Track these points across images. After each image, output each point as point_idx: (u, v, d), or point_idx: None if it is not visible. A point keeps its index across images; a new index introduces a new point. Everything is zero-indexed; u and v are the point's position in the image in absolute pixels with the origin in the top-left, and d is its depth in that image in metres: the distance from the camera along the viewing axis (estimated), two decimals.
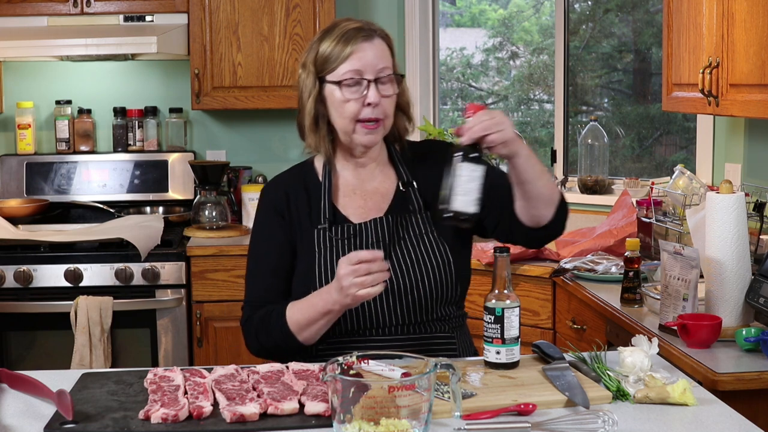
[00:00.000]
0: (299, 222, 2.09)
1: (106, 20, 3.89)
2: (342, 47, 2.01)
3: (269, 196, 2.15)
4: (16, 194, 4.11)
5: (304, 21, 3.93)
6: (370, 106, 2.01)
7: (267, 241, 2.11)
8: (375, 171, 2.13)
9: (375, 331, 2.02)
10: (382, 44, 2.04)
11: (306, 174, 2.15)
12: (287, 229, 2.09)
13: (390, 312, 2.01)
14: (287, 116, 4.30)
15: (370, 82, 2.01)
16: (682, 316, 2.25)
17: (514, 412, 1.65)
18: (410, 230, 2.07)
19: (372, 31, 2.04)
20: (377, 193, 2.12)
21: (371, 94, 2.00)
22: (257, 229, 2.15)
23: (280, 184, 2.16)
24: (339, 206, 2.09)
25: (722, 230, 2.28)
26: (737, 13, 2.64)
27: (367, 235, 2.05)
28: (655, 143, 4.57)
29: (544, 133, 4.87)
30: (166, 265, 3.55)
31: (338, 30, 2.03)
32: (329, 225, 2.05)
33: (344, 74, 2.00)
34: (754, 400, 2.04)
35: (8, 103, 4.20)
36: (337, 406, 1.45)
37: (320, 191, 2.10)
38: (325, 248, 2.04)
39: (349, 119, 2.02)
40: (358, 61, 2.00)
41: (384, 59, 2.03)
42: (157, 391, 1.74)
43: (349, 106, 2.01)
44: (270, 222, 2.11)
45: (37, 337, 3.56)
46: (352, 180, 2.12)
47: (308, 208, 2.09)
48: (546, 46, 4.89)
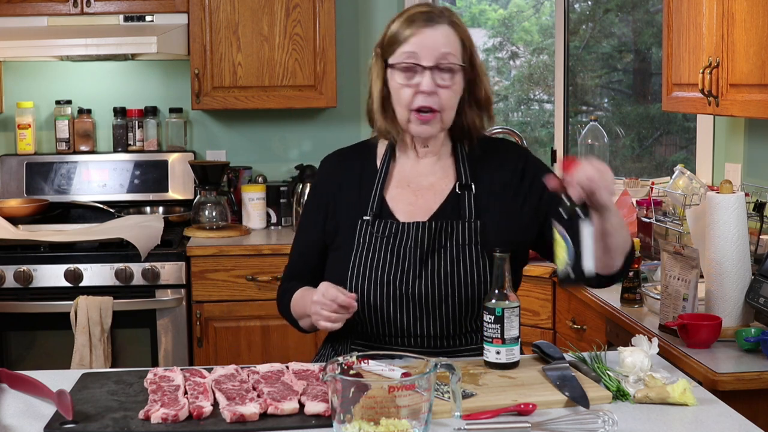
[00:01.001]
0: (346, 208, 2.06)
1: (106, 20, 3.89)
2: (403, 29, 1.95)
3: (320, 177, 2.16)
4: (16, 194, 4.11)
5: (304, 21, 3.93)
6: (423, 95, 1.94)
7: (308, 223, 2.13)
8: (435, 166, 2.07)
9: (402, 340, 1.99)
10: (447, 30, 1.95)
11: (367, 156, 2.11)
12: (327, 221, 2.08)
13: (418, 323, 1.98)
14: (287, 116, 4.30)
15: (425, 68, 1.93)
16: (682, 316, 2.25)
17: (514, 412, 1.65)
18: (453, 239, 1.98)
19: (437, 15, 1.96)
20: (431, 191, 2.05)
21: (425, 81, 1.93)
22: (304, 207, 2.18)
23: (334, 170, 2.13)
24: (388, 198, 2.04)
25: (722, 230, 2.28)
26: (737, 13, 2.64)
27: (407, 237, 1.99)
28: (655, 143, 4.57)
29: (544, 133, 4.87)
30: (166, 265, 3.55)
31: (406, 13, 1.98)
32: (373, 219, 2.02)
33: (399, 56, 1.95)
34: (754, 400, 2.04)
35: (8, 103, 4.20)
36: (337, 406, 1.45)
37: (374, 179, 2.05)
38: (364, 243, 2.00)
39: (404, 107, 1.97)
40: (415, 45, 1.93)
41: (447, 45, 1.94)
42: (157, 391, 1.74)
43: (404, 93, 1.95)
44: (315, 208, 2.12)
45: (37, 337, 3.56)
46: (408, 171, 2.07)
47: (358, 196, 2.05)
48: (546, 46, 4.89)
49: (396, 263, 1.98)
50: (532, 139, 4.90)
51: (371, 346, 1.99)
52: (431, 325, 1.98)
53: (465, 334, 2.01)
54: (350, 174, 2.09)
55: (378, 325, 2.00)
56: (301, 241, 2.16)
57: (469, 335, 2.02)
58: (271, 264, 3.63)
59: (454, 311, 1.97)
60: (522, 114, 5.18)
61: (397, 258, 1.98)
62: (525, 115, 5.17)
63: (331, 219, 2.08)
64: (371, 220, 2.01)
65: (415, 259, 1.97)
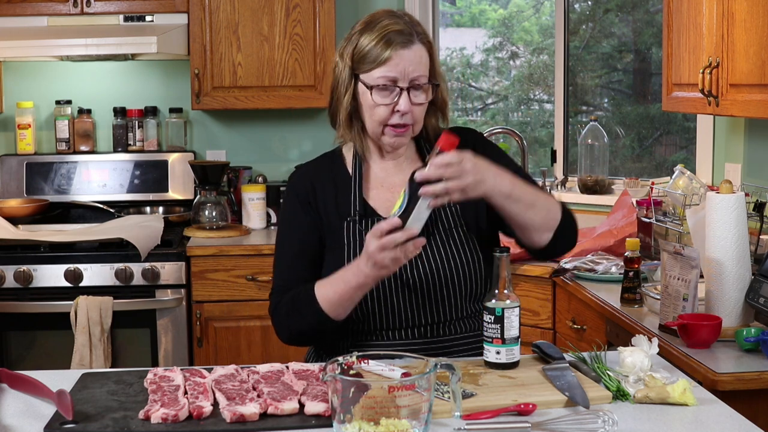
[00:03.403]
0: (326, 214, 2.06)
1: (106, 20, 3.89)
2: (380, 50, 1.95)
3: (294, 187, 2.13)
4: (16, 194, 4.11)
5: (304, 21, 3.93)
6: (399, 113, 1.98)
7: (291, 228, 2.10)
8: (403, 164, 2.11)
9: (402, 332, 2.01)
10: (421, 50, 1.98)
11: (334, 165, 2.12)
12: (313, 216, 2.07)
13: (421, 311, 2.00)
14: (287, 116, 4.31)
15: (403, 89, 1.96)
16: (682, 316, 2.25)
17: (514, 412, 1.65)
18: (439, 225, 2.03)
19: (413, 35, 1.97)
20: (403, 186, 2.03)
21: (402, 102, 1.97)
22: (282, 217, 2.14)
23: (305, 174, 2.14)
24: (368, 199, 2.08)
25: (722, 230, 2.28)
26: (737, 13, 2.64)
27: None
28: (655, 143, 4.57)
29: (544, 133, 4.87)
30: (166, 265, 3.55)
31: (380, 28, 1.97)
32: (359, 218, 2.03)
33: (377, 79, 1.96)
34: (754, 400, 2.04)
35: (8, 103, 4.20)
36: (337, 406, 1.45)
37: (350, 183, 2.07)
38: (354, 241, 2.02)
39: (378, 123, 2.00)
40: (394, 68, 1.95)
41: (421, 66, 1.97)
42: (157, 391, 1.74)
43: (379, 111, 1.98)
44: (294, 210, 2.09)
45: (37, 337, 3.56)
46: (380, 173, 2.10)
47: (335, 201, 2.07)
48: (546, 46, 4.89)
49: None
50: (532, 139, 4.90)
51: (375, 341, 2.00)
52: (434, 311, 2.00)
53: (464, 319, 2.04)
54: (324, 181, 2.10)
55: (382, 317, 2.00)
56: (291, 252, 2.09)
57: (467, 321, 2.05)
58: (270, 264, 3.60)
59: (454, 293, 2.01)
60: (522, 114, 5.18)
61: None
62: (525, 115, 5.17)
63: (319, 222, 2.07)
64: (357, 219, 2.04)
65: None
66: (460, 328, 2.04)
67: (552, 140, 4.30)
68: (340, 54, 2.04)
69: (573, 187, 4.12)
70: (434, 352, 2.00)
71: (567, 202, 4.13)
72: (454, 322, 2.04)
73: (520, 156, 4.14)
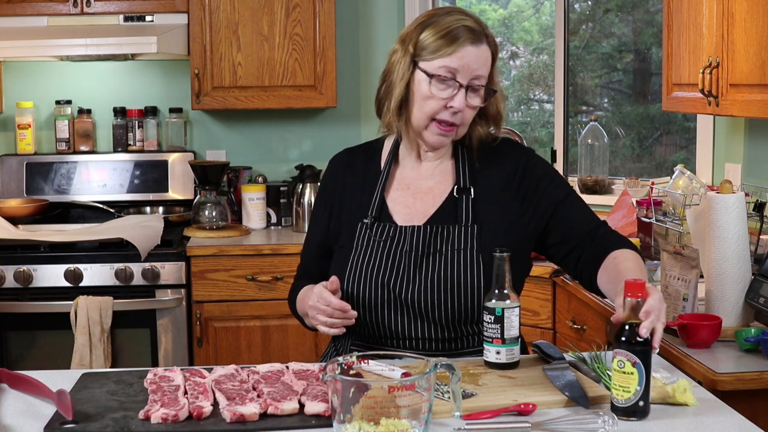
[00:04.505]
0: (348, 212, 2.08)
1: (106, 20, 3.89)
2: (447, 41, 1.92)
3: (327, 175, 2.18)
4: (16, 194, 4.11)
5: (304, 21, 3.93)
6: (451, 110, 1.94)
7: (315, 219, 2.18)
8: (435, 170, 2.07)
9: (397, 342, 2.00)
10: (487, 51, 1.96)
11: (372, 157, 2.12)
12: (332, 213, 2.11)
13: (412, 326, 1.98)
14: (287, 116, 4.30)
15: (462, 86, 1.93)
16: (682, 316, 2.25)
17: (514, 412, 1.65)
18: (449, 243, 1.97)
19: (483, 35, 1.95)
20: (430, 194, 2.05)
21: (458, 99, 1.93)
22: (314, 203, 2.22)
23: (339, 164, 2.16)
24: (388, 199, 2.06)
25: (722, 230, 2.28)
26: (737, 13, 2.64)
27: (404, 241, 1.99)
28: (655, 143, 4.57)
29: (544, 133, 4.87)
30: (166, 265, 3.55)
31: (451, 20, 1.94)
32: (372, 222, 2.03)
33: (438, 68, 1.92)
34: (754, 400, 2.04)
35: (8, 103, 4.20)
36: (337, 406, 1.45)
37: (377, 181, 2.06)
38: (362, 245, 2.01)
39: (427, 116, 1.96)
40: (458, 61, 1.92)
41: (484, 67, 1.95)
42: (157, 391, 1.74)
43: (431, 103, 1.94)
44: (320, 202, 2.16)
45: (37, 337, 3.56)
46: (409, 174, 2.08)
47: (360, 197, 2.07)
48: (546, 46, 4.89)
49: (391, 267, 1.98)
50: (532, 139, 4.89)
51: (370, 347, 1.99)
52: (426, 329, 1.98)
53: (462, 338, 2.00)
54: (355, 175, 2.11)
55: (373, 327, 2.00)
56: (310, 241, 2.19)
57: (466, 339, 2.01)
58: (271, 264, 3.63)
59: (449, 316, 1.96)
60: (522, 114, 5.18)
61: (393, 261, 1.99)
62: (525, 115, 5.17)
63: (335, 219, 2.10)
64: (370, 222, 2.03)
65: (409, 263, 1.98)
66: (457, 344, 2.01)
67: (552, 140, 4.30)
68: (402, 40, 1.99)
69: (573, 187, 4.12)
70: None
71: None
72: (450, 341, 1.99)
73: None
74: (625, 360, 1.61)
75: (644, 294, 1.64)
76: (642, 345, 1.61)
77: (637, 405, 1.62)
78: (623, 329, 1.63)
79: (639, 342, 1.61)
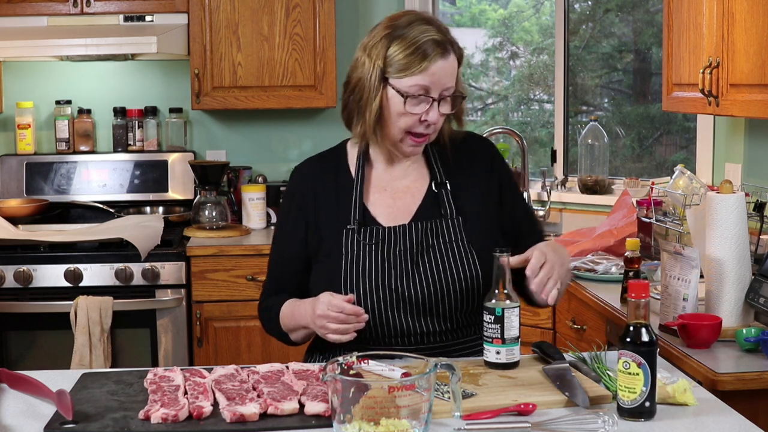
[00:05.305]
0: (325, 220, 2.05)
1: (106, 20, 3.89)
2: (418, 59, 1.93)
3: (294, 189, 2.13)
4: (16, 194, 4.11)
5: (304, 21, 3.93)
6: (426, 123, 1.97)
7: (284, 231, 2.12)
8: (409, 169, 2.10)
9: (402, 340, 2.00)
10: (454, 60, 1.98)
11: (338, 165, 2.11)
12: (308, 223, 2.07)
13: (417, 322, 1.99)
14: (287, 116, 4.30)
15: (434, 100, 1.95)
16: (682, 316, 2.25)
17: (514, 412, 1.65)
18: (440, 237, 2.02)
19: (449, 45, 1.96)
20: (408, 193, 2.08)
21: (432, 113, 1.96)
22: (279, 218, 2.17)
23: (307, 177, 2.12)
24: (368, 204, 2.06)
25: (722, 230, 2.28)
26: (737, 13, 2.64)
27: (395, 241, 2.01)
28: (655, 143, 4.57)
29: (544, 133, 4.87)
30: (166, 265, 3.55)
31: (417, 34, 1.94)
32: (358, 227, 2.02)
33: (411, 87, 1.94)
34: (754, 400, 2.04)
35: (8, 103, 4.20)
36: (337, 406, 1.45)
37: (351, 188, 2.06)
38: (353, 251, 2.01)
39: (402, 130, 1.98)
40: (429, 78, 1.93)
41: (452, 77, 1.97)
42: (157, 391, 1.74)
43: (405, 119, 1.96)
44: (290, 214, 2.11)
45: (37, 337, 3.56)
46: (384, 175, 2.09)
47: (336, 207, 2.06)
48: (546, 46, 4.89)
49: (388, 267, 1.99)
50: (532, 139, 4.89)
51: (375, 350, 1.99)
52: (429, 322, 1.99)
53: (461, 328, 2.04)
54: (326, 184, 2.09)
55: (377, 329, 2.00)
56: (282, 254, 2.13)
57: (465, 329, 2.05)
58: None
59: (450, 307, 2.00)
60: (522, 114, 5.18)
61: (389, 262, 1.99)
62: (525, 115, 5.17)
63: (312, 230, 2.07)
64: (356, 228, 2.02)
65: (406, 261, 1.99)
66: (457, 335, 2.04)
67: (552, 140, 4.30)
68: (366, 52, 1.98)
69: (573, 187, 4.12)
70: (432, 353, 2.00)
71: (567, 203, 4.15)
72: (450, 332, 2.03)
73: (520, 156, 4.14)
74: (631, 361, 1.61)
75: (647, 294, 1.65)
76: (647, 346, 1.62)
77: (643, 406, 1.62)
78: (628, 330, 1.64)
79: (644, 343, 1.62)
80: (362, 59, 2.00)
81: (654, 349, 1.63)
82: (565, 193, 4.09)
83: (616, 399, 1.65)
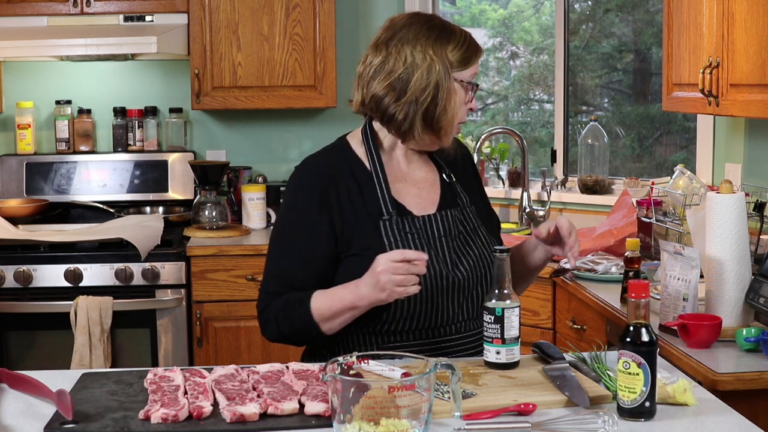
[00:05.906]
0: (354, 211, 2.00)
1: (106, 20, 3.89)
2: (472, 51, 2.04)
3: (309, 184, 2.04)
4: (16, 194, 4.11)
5: (304, 21, 3.93)
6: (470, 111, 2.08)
7: (302, 230, 2.01)
8: (420, 160, 2.14)
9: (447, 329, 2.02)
10: None
11: (348, 159, 2.08)
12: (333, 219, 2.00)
13: (460, 308, 2.02)
14: (287, 116, 4.31)
15: (475, 88, 2.07)
16: (682, 316, 2.25)
17: (514, 412, 1.65)
18: (465, 224, 2.09)
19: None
20: (426, 182, 2.12)
21: (474, 99, 2.08)
22: (290, 217, 2.04)
23: (322, 169, 2.06)
24: (394, 194, 2.05)
25: (722, 230, 2.28)
26: (737, 13, 2.64)
27: (433, 228, 2.03)
28: (655, 143, 4.57)
29: (544, 133, 4.87)
30: (166, 265, 3.55)
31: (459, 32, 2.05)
32: (394, 217, 2.01)
33: (471, 76, 2.05)
34: (754, 400, 2.04)
35: (8, 103, 4.20)
36: (337, 406, 1.45)
37: (371, 180, 2.04)
38: (395, 241, 1.99)
39: (459, 120, 2.05)
40: (477, 67, 2.06)
41: None
42: (157, 391, 1.74)
43: (464, 108, 2.05)
44: (309, 210, 2.00)
45: (37, 337, 3.56)
46: (400, 167, 2.11)
47: (361, 198, 2.02)
48: (546, 46, 4.89)
49: (435, 255, 2.00)
50: (532, 139, 4.89)
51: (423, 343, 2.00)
52: (470, 307, 2.04)
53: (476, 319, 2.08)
54: (345, 177, 2.05)
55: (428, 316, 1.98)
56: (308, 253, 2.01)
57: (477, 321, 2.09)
58: None
59: (484, 290, 2.05)
60: (522, 114, 5.17)
61: (435, 249, 2.01)
62: (525, 115, 5.16)
63: (340, 227, 2.00)
64: (394, 218, 2.01)
65: (449, 248, 2.04)
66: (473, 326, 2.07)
67: (552, 140, 4.30)
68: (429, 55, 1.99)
69: (573, 187, 4.12)
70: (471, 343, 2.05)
71: (567, 203, 4.15)
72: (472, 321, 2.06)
73: (520, 156, 4.14)
74: (631, 361, 1.61)
75: (647, 294, 1.65)
76: (647, 346, 1.62)
77: (643, 406, 1.62)
78: (628, 330, 1.64)
79: (644, 343, 1.62)
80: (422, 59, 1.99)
81: (654, 349, 1.63)
82: (565, 193, 4.09)
83: (616, 399, 1.65)
